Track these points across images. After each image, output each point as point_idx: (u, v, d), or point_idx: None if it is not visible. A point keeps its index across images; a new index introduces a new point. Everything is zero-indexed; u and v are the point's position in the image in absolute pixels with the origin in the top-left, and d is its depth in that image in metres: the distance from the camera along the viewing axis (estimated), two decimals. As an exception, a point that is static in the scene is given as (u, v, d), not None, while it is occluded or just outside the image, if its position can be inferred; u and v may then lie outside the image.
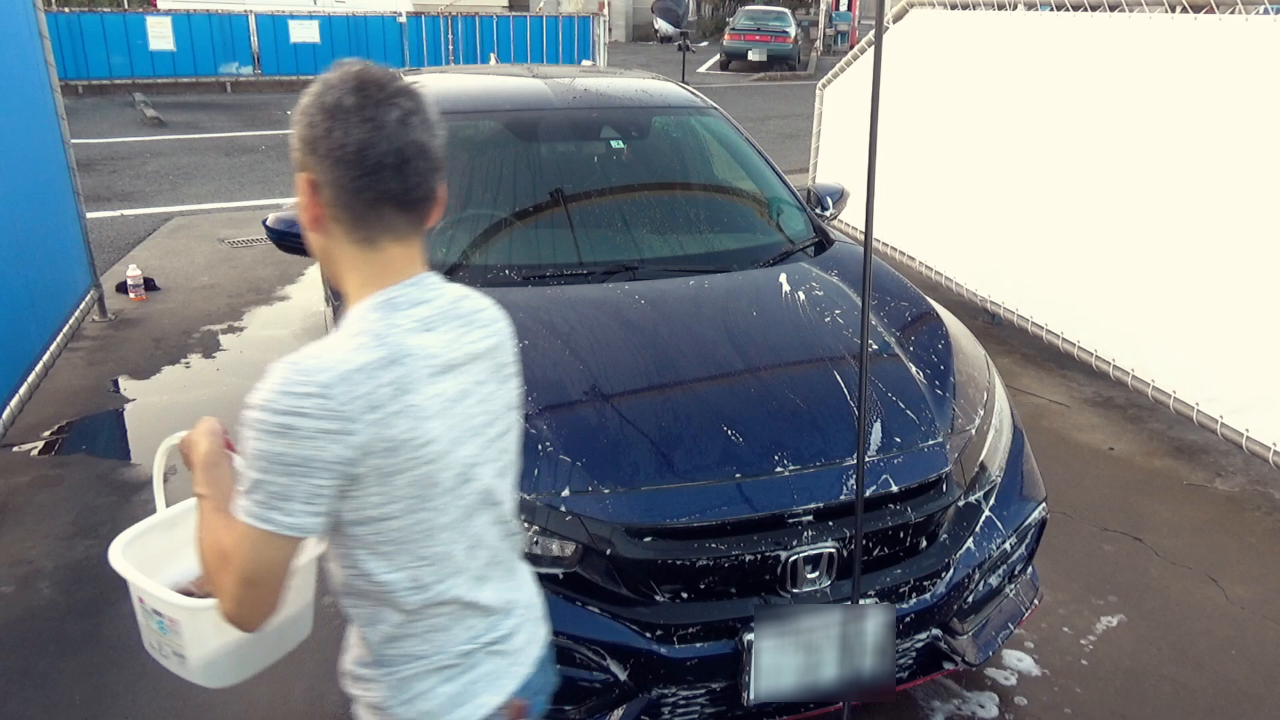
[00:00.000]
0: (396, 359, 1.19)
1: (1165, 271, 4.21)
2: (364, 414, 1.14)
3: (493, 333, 1.38)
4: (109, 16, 14.97)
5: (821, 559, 2.23)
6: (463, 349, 1.29)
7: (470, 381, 1.29)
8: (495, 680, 1.35)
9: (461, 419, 1.27)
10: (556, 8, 25.43)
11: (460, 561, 1.30)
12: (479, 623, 1.34)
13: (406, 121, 1.20)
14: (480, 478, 1.31)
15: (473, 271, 3.04)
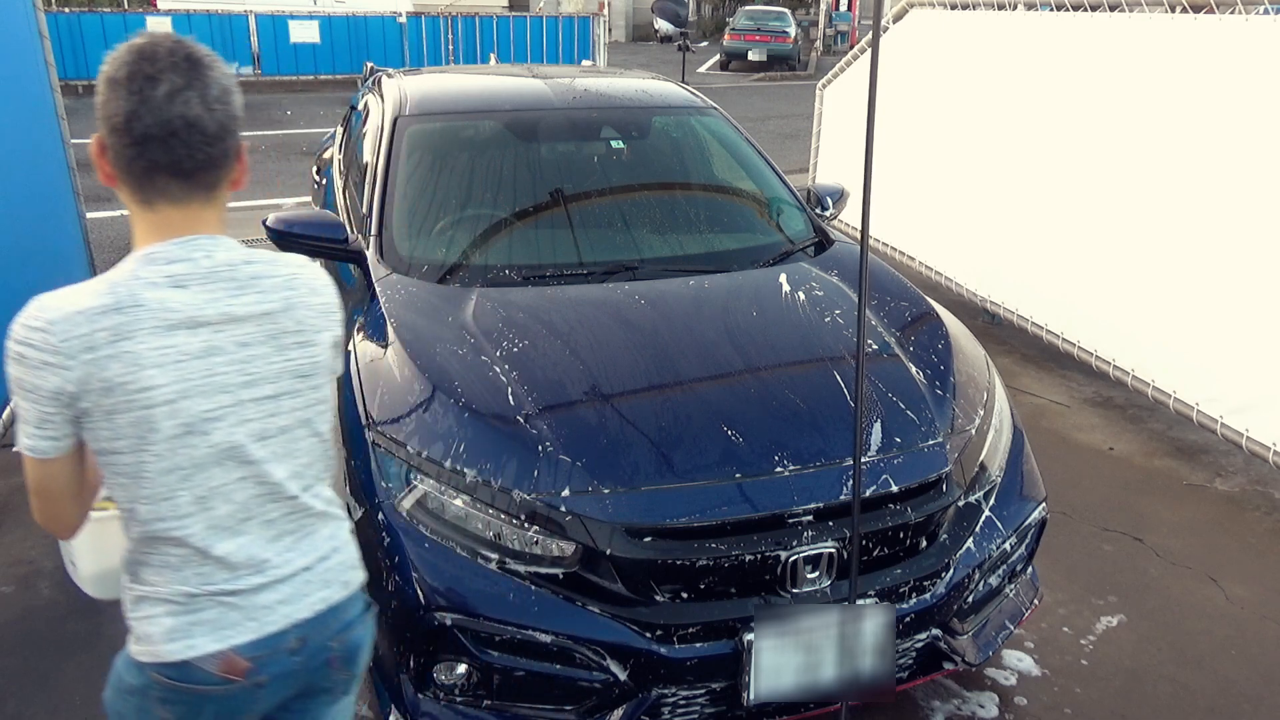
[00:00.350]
0: (121, 307, 1.28)
1: (1165, 271, 4.21)
2: (79, 353, 1.26)
3: (272, 299, 1.41)
4: (109, 16, 14.97)
5: (821, 559, 2.23)
6: (219, 309, 1.35)
7: (226, 340, 1.35)
8: (218, 629, 1.40)
9: (200, 374, 1.33)
10: (556, 8, 25.43)
11: (186, 508, 1.36)
12: (214, 572, 1.40)
13: (174, 96, 1.28)
14: (216, 432, 1.35)
15: (472, 271, 3.04)
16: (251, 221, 7.85)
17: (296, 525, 1.49)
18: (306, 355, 1.45)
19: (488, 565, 2.16)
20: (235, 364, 1.37)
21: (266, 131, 12.17)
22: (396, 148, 3.45)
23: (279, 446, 1.44)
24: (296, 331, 1.44)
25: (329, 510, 1.55)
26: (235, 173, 1.40)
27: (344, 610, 1.55)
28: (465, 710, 2.22)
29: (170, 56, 1.31)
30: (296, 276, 1.46)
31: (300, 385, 1.46)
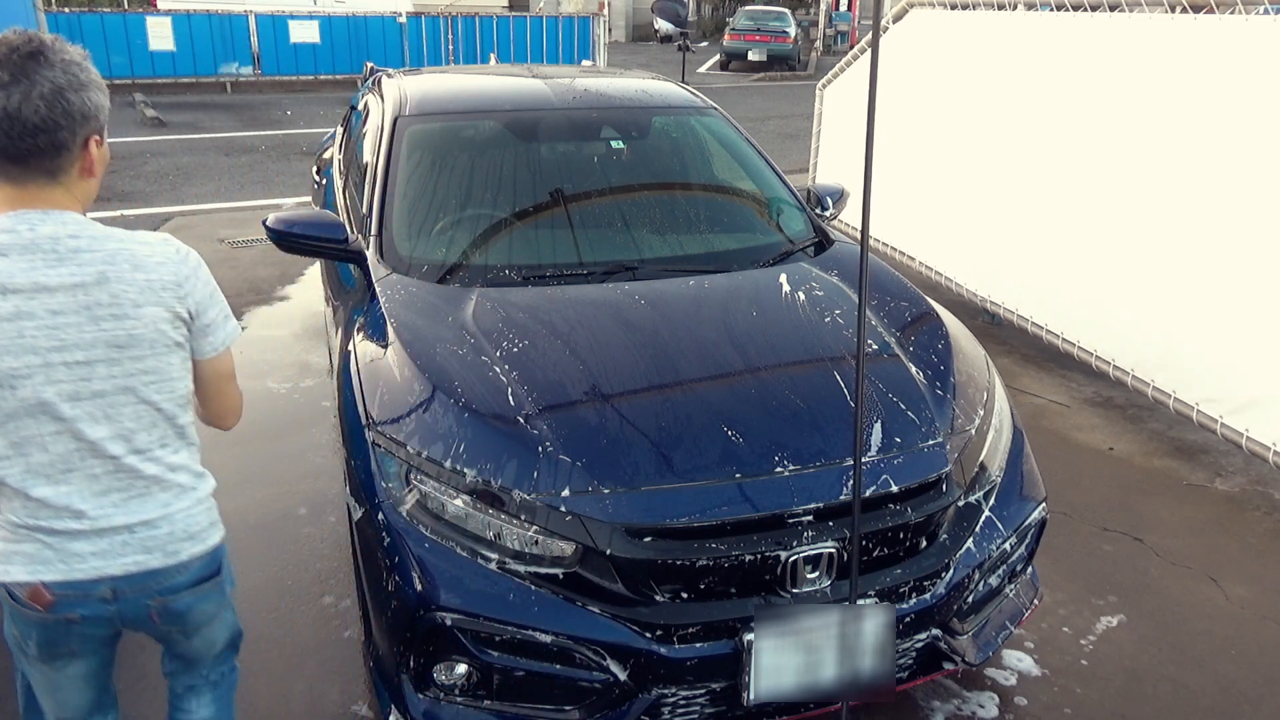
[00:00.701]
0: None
1: (1165, 271, 4.21)
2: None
3: (85, 273, 1.55)
4: (109, 16, 14.97)
5: (821, 559, 2.23)
6: (31, 278, 1.51)
7: (37, 307, 1.52)
8: (31, 562, 1.62)
9: (9, 335, 1.50)
10: (556, 8, 25.44)
11: (3, 451, 1.55)
12: (36, 509, 1.59)
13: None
14: (24, 388, 1.53)
15: (472, 271, 3.04)
16: (252, 221, 7.88)
17: (124, 485, 1.64)
18: (122, 327, 1.57)
19: (488, 565, 2.16)
20: (45, 329, 1.52)
21: (266, 132, 12.17)
22: (396, 148, 3.45)
23: (94, 409, 1.58)
24: (111, 304, 1.56)
25: (168, 478, 1.68)
26: (84, 161, 1.57)
27: (163, 577, 1.69)
28: (465, 710, 2.22)
29: (10, 54, 1.49)
30: (120, 253, 1.58)
31: (118, 355, 1.58)
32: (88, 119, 1.55)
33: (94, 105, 1.55)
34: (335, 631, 3.00)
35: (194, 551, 1.71)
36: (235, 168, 9.96)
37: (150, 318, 1.59)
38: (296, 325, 5.53)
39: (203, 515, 1.74)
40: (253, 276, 6.37)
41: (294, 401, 4.56)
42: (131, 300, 1.57)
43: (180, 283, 1.64)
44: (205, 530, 1.74)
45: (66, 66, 1.52)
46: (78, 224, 1.57)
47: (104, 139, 1.62)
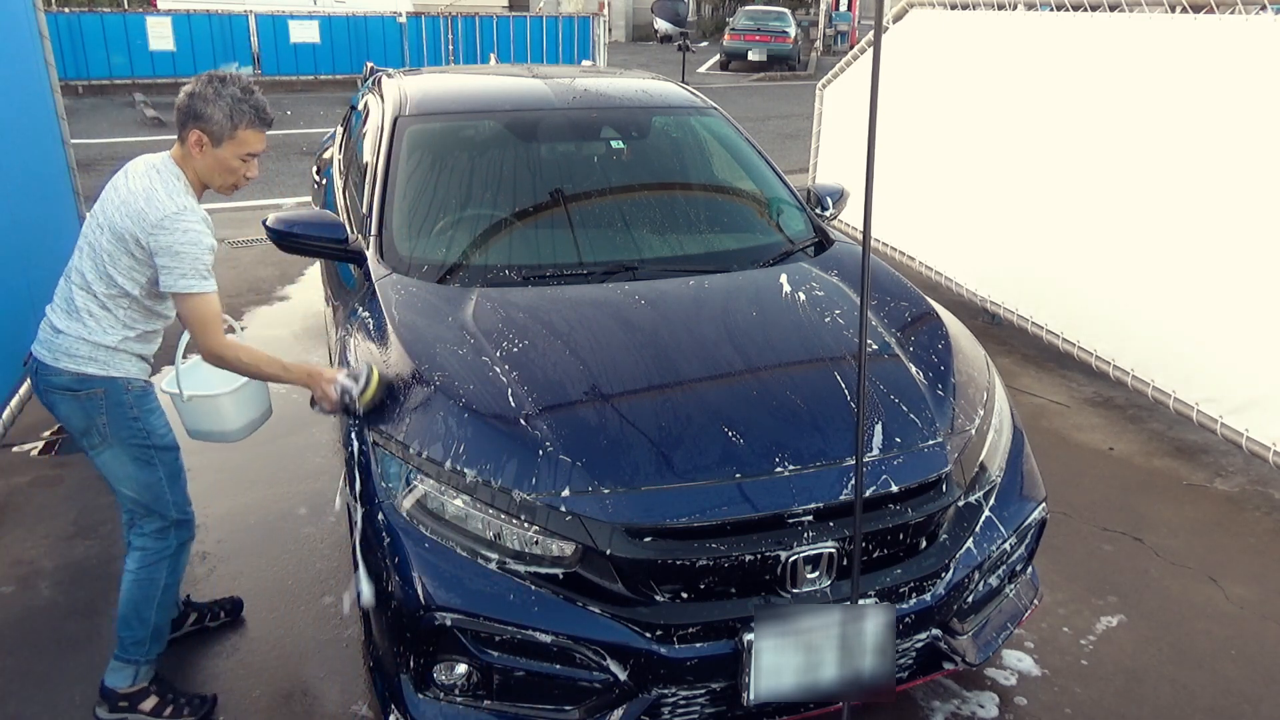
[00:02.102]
0: None
1: (1165, 271, 4.22)
2: None
3: (133, 185, 2.39)
4: (109, 16, 14.96)
5: (821, 559, 2.23)
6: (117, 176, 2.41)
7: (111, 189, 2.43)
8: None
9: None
10: (556, 8, 25.43)
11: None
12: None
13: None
14: (88, 222, 2.44)
15: (472, 271, 3.04)
16: (252, 221, 7.88)
17: (65, 302, 2.46)
18: (118, 216, 2.38)
19: (488, 565, 2.16)
20: (108, 197, 2.45)
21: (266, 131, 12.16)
22: (396, 148, 3.45)
23: (84, 248, 2.46)
24: (122, 204, 2.39)
25: (77, 314, 2.43)
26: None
27: (45, 370, 2.44)
28: (465, 710, 2.22)
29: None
30: (150, 188, 2.38)
31: (105, 229, 2.40)
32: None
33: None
34: (335, 631, 3.00)
35: (65, 365, 2.40)
36: (235, 168, 9.95)
37: (125, 226, 2.34)
38: (296, 325, 5.53)
39: (84, 349, 2.40)
40: (253, 276, 6.36)
41: (294, 401, 4.55)
42: (131, 210, 2.35)
43: (150, 225, 2.33)
44: (80, 359, 2.40)
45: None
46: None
47: (205, 137, 2.41)
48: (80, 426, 2.45)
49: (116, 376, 2.43)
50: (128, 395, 2.46)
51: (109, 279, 2.37)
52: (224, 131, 2.38)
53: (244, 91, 2.39)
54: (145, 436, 2.50)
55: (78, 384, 2.41)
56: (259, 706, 2.68)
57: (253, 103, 2.40)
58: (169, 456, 2.57)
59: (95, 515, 3.55)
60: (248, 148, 2.45)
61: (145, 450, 2.50)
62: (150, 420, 2.52)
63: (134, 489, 2.52)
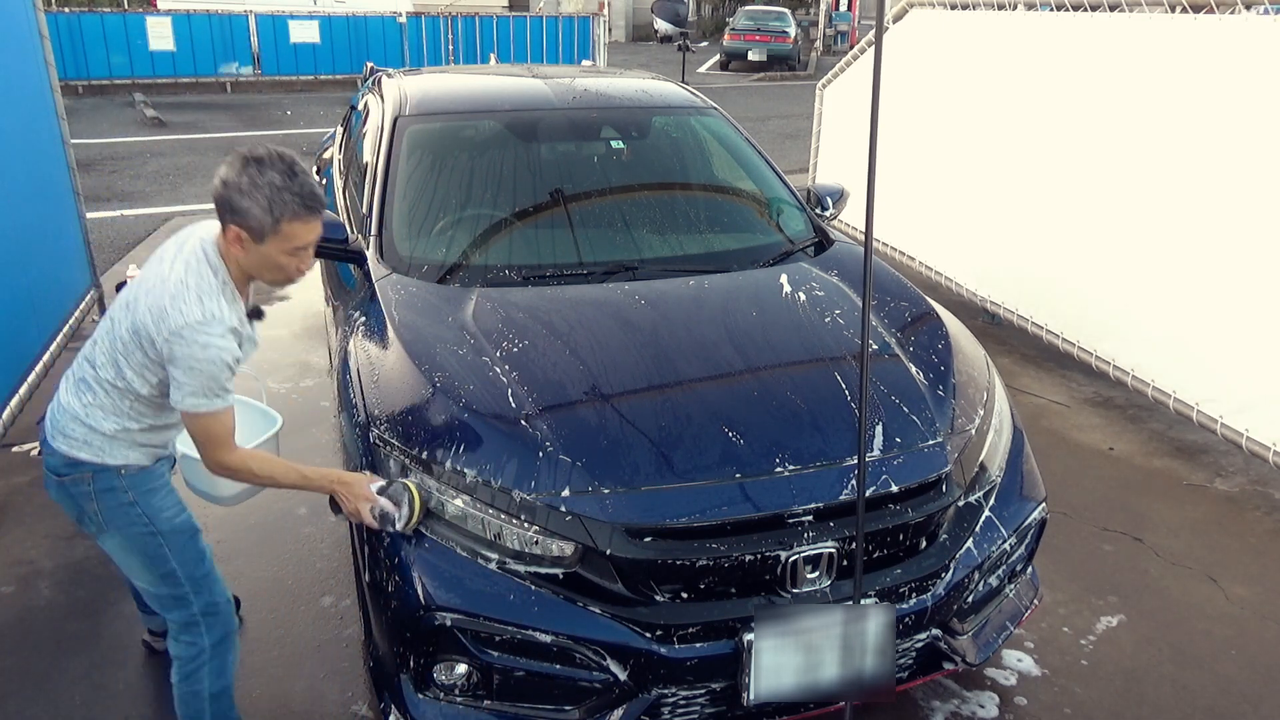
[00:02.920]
0: None
1: (1165, 271, 4.22)
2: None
3: (167, 272, 2.06)
4: (109, 16, 14.96)
5: (822, 559, 2.23)
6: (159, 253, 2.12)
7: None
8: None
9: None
10: (556, 8, 25.43)
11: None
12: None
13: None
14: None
15: (472, 271, 3.04)
16: (251, 221, 7.79)
17: (77, 380, 2.17)
18: (139, 307, 2.08)
19: (488, 565, 2.16)
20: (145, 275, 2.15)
21: (266, 132, 12.18)
22: (396, 148, 3.45)
23: (103, 330, 2.16)
24: (146, 294, 2.06)
25: (86, 397, 2.14)
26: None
27: (46, 448, 2.15)
28: (465, 710, 2.22)
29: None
30: (181, 284, 2.04)
31: (125, 314, 2.11)
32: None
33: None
34: (335, 631, 3.00)
35: (58, 444, 2.12)
36: (235, 168, 9.95)
37: (144, 321, 2.02)
38: (296, 325, 5.53)
39: (79, 431, 2.11)
40: (253, 276, 6.35)
41: (294, 401, 4.56)
42: (155, 303, 2.01)
43: (168, 330, 1.99)
44: (73, 441, 2.12)
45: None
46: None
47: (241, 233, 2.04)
48: (73, 513, 2.18)
49: (110, 464, 2.13)
50: (121, 480, 2.14)
51: (117, 368, 2.08)
52: (265, 227, 1.99)
53: (285, 176, 1.99)
54: (147, 522, 2.17)
55: (65, 468, 2.12)
56: (259, 706, 2.68)
57: (297, 189, 1.99)
58: (181, 540, 2.22)
59: (95, 515, 3.54)
60: (295, 241, 2.04)
61: (149, 538, 2.18)
62: (152, 502, 2.19)
63: (146, 580, 2.23)
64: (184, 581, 2.21)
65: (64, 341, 4.67)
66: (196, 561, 2.24)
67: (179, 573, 2.20)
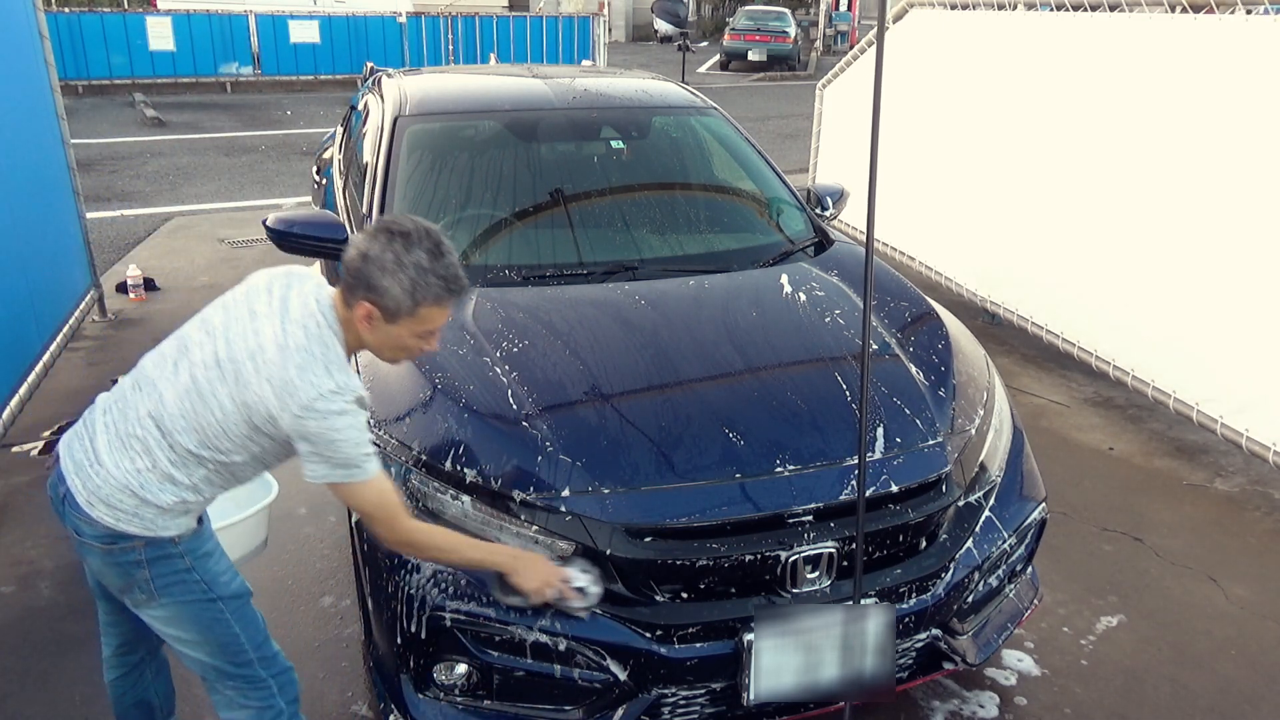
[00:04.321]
0: None
1: (1165, 271, 4.21)
2: None
3: (283, 332, 1.84)
4: (109, 16, 14.97)
5: (822, 559, 2.23)
6: (253, 304, 1.90)
7: (244, 311, 1.91)
8: (73, 434, 1.94)
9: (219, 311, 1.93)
10: (556, 8, 25.43)
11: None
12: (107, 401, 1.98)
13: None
14: (194, 349, 1.90)
15: (472, 271, 3.04)
16: (252, 221, 7.88)
17: (124, 439, 1.87)
18: (243, 374, 1.84)
19: (488, 565, 2.16)
20: (227, 322, 1.90)
21: (266, 131, 12.18)
22: (396, 148, 3.45)
23: (186, 387, 1.86)
24: (252, 356, 1.84)
25: (142, 464, 1.87)
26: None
27: (77, 511, 1.86)
28: (465, 710, 2.22)
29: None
30: (303, 347, 1.84)
31: (224, 377, 1.86)
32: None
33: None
34: (335, 631, 3.00)
35: (99, 515, 1.85)
36: (235, 168, 9.96)
37: (262, 395, 1.79)
38: (296, 325, 5.52)
39: (127, 503, 1.84)
40: (253, 276, 6.36)
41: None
42: (276, 374, 1.78)
43: (298, 406, 1.78)
44: (119, 513, 1.85)
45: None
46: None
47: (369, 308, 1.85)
48: (119, 585, 1.93)
49: (163, 536, 1.89)
50: (176, 547, 1.91)
51: (202, 436, 1.83)
52: (402, 309, 1.83)
53: (432, 256, 1.83)
54: (206, 589, 1.95)
55: (110, 539, 1.86)
56: (259, 706, 2.68)
57: (441, 272, 1.84)
58: (239, 605, 2.02)
59: (95, 515, 3.54)
60: (429, 325, 1.89)
61: (208, 605, 1.96)
62: (208, 567, 1.97)
63: (204, 652, 1.99)
64: (247, 647, 2.02)
65: (64, 342, 4.67)
66: (258, 627, 2.06)
67: (242, 638, 2.01)
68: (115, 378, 4.73)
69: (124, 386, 1.93)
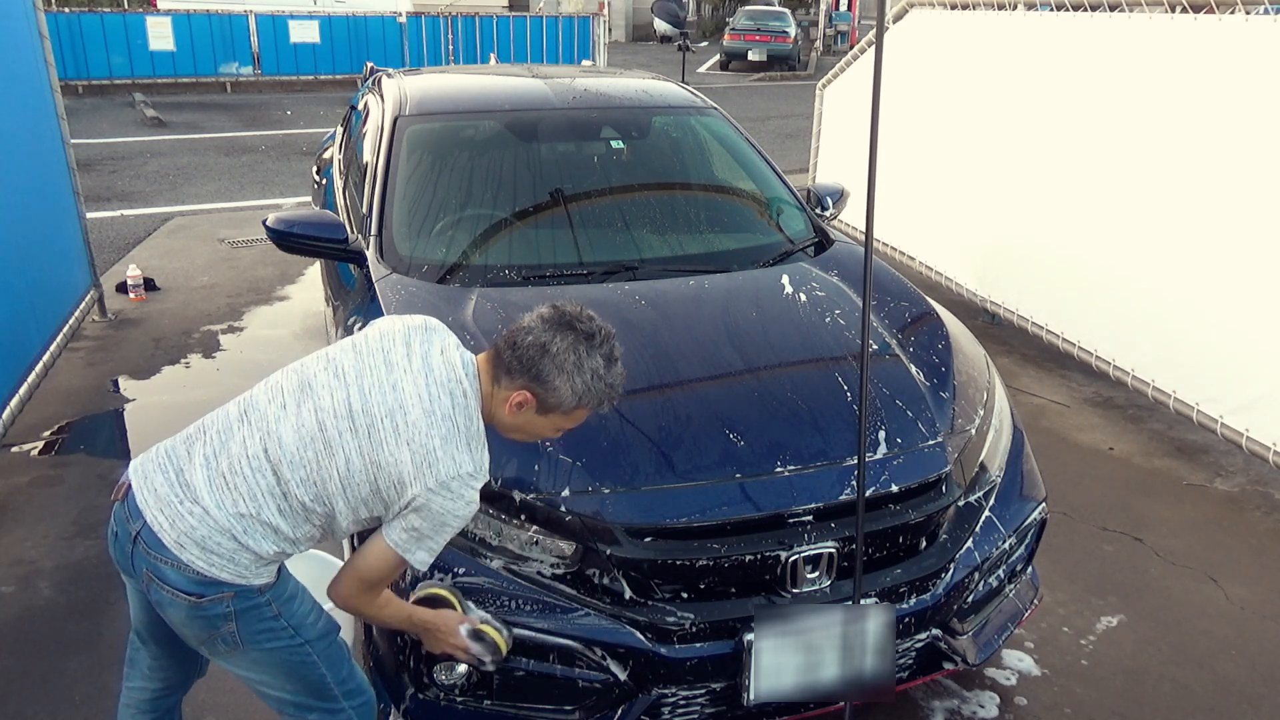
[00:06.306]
0: None
1: (1165, 271, 4.21)
2: None
3: (436, 397, 1.78)
4: (109, 16, 14.96)
5: (822, 559, 2.23)
6: (408, 351, 1.84)
7: (380, 364, 1.83)
8: (145, 462, 1.80)
9: (354, 356, 1.84)
10: (556, 8, 25.43)
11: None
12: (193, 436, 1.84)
13: None
14: (315, 392, 1.79)
15: (472, 271, 3.04)
16: (252, 221, 7.88)
17: (232, 481, 1.74)
18: (376, 434, 1.76)
19: (489, 565, 2.16)
20: (361, 370, 1.82)
21: (266, 131, 12.17)
22: (396, 148, 3.45)
23: (311, 438, 1.76)
24: (392, 418, 1.76)
25: (249, 513, 1.74)
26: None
27: (161, 555, 1.71)
28: (465, 710, 2.22)
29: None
30: (438, 432, 1.77)
31: (355, 432, 1.76)
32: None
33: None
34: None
35: (190, 558, 1.70)
36: (235, 168, 9.96)
37: (399, 461, 1.70)
38: (296, 325, 5.53)
39: (225, 546, 1.71)
40: (253, 276, 6.37)
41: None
42: (418, 443, 1.70)
43: (434, 481, 1.70)
44: (214, 557, 1.71)
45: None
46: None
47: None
48: (199, 637, 1.80)
49: (254, 584, 1.77)
50: (264, 596, 1.78)
51: (320, 490, 1.73)
52: (562, 407, 1.79)
53: (607, 363, 1.79)
54: (293, 634, 1.84)
55: (198, 588, 1.72)
56: (259, 706, 2.68)
57: (612, 380, 1.80)
58: (327, 644, 1.91)
59: (95, 515, 3.55)
60: (575, 423, 1.86)
61: (297, 649, 1.85)
62: (294, 610, 1.85)
63: (288, 692, 1.90)
64: (333, 687, 1.92)
65: (64, 342, 4.67)
66: (343, 661, 1.95)
67: (328, 678, 1.91)
68: (115, 379, 4.72)
69: (229, 415, 1.78)
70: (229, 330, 5.43)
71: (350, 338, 1.87)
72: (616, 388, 1.83)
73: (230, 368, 4.93)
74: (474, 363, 1.83)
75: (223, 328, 5.46)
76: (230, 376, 4.81)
